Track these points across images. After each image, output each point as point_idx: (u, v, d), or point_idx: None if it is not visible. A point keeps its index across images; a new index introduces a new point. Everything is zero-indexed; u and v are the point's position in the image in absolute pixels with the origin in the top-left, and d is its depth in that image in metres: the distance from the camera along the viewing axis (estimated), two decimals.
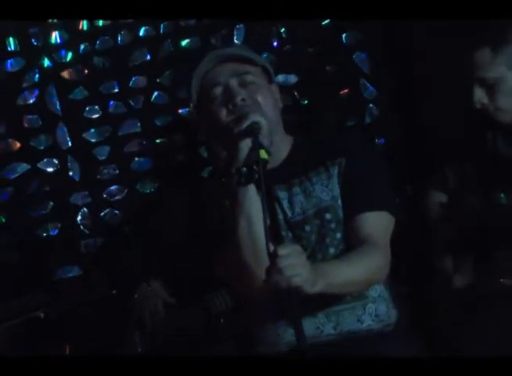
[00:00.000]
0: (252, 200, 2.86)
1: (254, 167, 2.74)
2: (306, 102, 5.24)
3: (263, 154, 2.72)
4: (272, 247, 2.53)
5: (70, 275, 4.85)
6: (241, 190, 2.84)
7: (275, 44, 5.21)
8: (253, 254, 2.83)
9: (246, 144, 2.79)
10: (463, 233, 3.71)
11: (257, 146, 2.76)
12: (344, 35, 5.25)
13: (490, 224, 3.60)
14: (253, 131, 2.81)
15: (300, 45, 5.23)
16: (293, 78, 5.22)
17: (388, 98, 5.41)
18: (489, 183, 3.64)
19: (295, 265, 2.53)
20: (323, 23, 5.21)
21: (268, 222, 2.66)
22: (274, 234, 2.74)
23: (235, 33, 5.04)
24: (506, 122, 3.57)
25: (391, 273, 3.08)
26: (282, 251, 2.50)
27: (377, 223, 2.99)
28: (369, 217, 2.98)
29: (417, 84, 5.09)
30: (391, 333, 3.03)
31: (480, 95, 3.52)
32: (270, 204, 2.86)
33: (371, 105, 5.26)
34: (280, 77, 5.13)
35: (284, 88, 5.07)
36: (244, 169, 2.78)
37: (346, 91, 5.27)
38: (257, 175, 2.74)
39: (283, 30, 5.24)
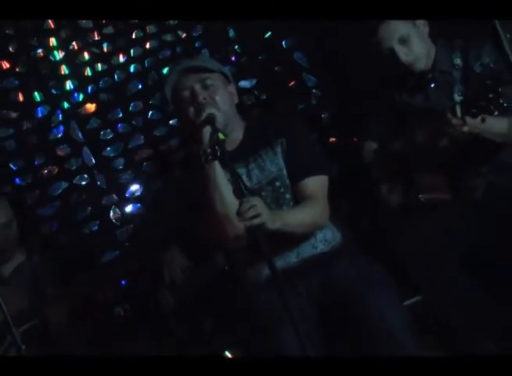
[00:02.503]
0: (218, 172, 3.08)
1: (216, 147, 2.97)
2: (265, 97, 5.47)
3: (221, 136, 2.97)
4: None
5: (113, 257, 5.00)
6: (208, 166, 3.07)
7: (233, 58, 5.48)
8: (225, 211, 3.08)
9: (206, 130, 3.05)
10: (392, 167, 4.00)
11: (215, 130, 3.01)
12: (283, 41, 5.56)
13: (409, 157, 3.87)
14: (210, 120, 3.06)
15: (252, 55, 5.52)
16: (252, 82, 5.48)
17: (324, 80, 5.56)
18: (404, 128, 3.91)
19: (258, 207, 2.83)
20: (266, 35, 5.52)
21: (233, 182, 2.94)
22: (238, 199, 2.87)
23: None
24: (422, 68, 3.81)
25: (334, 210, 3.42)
26: (247, 199, 2.83)
27: (316, 184, 3.29)
28: (309, 181, 3.27)
29: (343, 67, 5.41)
30: (339, 251, 3.35)
31: (402, 51, 3.75)
32: (233, 178, 2.95)
33: (314, 90, 5.55)
34: (243, 83, 5.41)
35: (247, 90, 5.44)
36: (208, 150, 3.01)
37: (293, 83, 5.54)
38: (219, 153, 2.96)
39: (236, 47, 5.51)
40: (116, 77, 5.34)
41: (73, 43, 5.29)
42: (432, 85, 3.86)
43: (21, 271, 4.22)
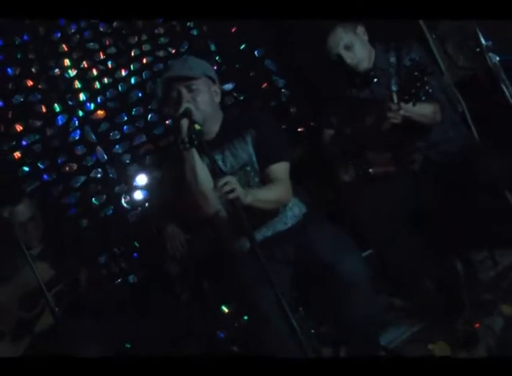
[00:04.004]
0: (195, 157, 3.16)
1: (193, 136, 3.07)
2: (242, 97, 5.70)
3: (197, 127, 3.07)
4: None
5: (125, 234, 5.17)
6: (186, 153, 3.15)
7: (215, 67, 5.57)
8: (201, 190, 3.17)
9: (184, 122, 3.12)
10: (346, 148, 4.12)
11: (191, 122, 3.10)
12: (256, 51, 5.85)
13: (360, 139, 4.02)
14: (186, 113, 3.13)
15: (230, 64, 5.74)
16: (232, 85, 5.71)
17: (291, 82, 5.78)
18: (355, 116, 4.03)
19: (232, 183, 2.90)
20: (241, 47, 5.76)
21: (210, 166, 3.03)
22: (215, 178, 2.95)
23: None
24: (365, 68, 3.98)
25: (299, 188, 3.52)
26: (222, 176, 2.93)
27: (280, 169, 3.36)
28: (275, 167, 3.35)
29: (305, 70, 5.50)
30: (307, 221, 3.46)
31: (347, 55, 3.94)
32: (211, 163, 3.05)
33: (283, 90, 5.84)
34: (224, 86, 5.54)
35: (228, 92, 5.66)
36: (186, 139, 3.09)
37: (265, 85, 5.83)
38: (195, 142, 3.06)
39: (217, 57, 5.72)
40: (120, 88, 5.53)
41: (84, 62, 5.48)
42: (375, 80, 4.04)
43: (48, 250, 4.37)
